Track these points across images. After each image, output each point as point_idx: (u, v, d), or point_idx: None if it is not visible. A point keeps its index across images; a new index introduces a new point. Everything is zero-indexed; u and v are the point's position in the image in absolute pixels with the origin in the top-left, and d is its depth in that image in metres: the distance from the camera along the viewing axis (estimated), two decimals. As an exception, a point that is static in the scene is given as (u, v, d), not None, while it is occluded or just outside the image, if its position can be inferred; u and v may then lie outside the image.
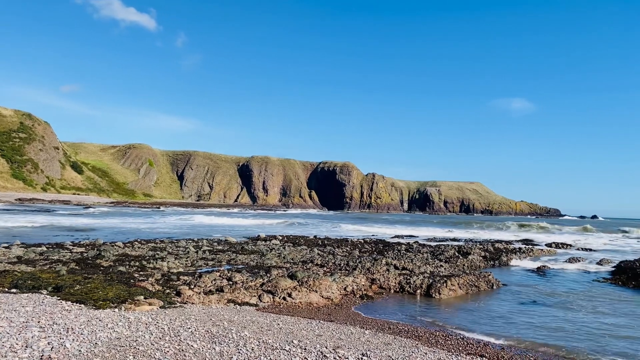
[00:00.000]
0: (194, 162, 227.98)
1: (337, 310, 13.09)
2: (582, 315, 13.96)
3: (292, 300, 13.63)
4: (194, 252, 22.80)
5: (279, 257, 22.15)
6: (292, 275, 15.79)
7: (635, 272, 20.75)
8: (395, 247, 29.72)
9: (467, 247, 29.53)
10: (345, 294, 15.17)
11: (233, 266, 19.18)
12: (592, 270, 23.97)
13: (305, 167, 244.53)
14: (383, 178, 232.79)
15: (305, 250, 25.83)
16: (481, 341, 10.65)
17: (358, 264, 19.94)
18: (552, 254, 31.74)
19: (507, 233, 57.27)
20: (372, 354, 8.34)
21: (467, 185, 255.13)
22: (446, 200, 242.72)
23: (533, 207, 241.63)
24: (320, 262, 20.77)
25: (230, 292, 13.64)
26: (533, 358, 9.56)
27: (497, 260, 26.33)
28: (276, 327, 9.93)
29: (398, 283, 16.65)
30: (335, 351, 8.20)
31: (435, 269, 19.85)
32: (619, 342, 11.10)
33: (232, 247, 26.43)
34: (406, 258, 23.11)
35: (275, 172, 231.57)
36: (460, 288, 16.46)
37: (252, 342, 8.36)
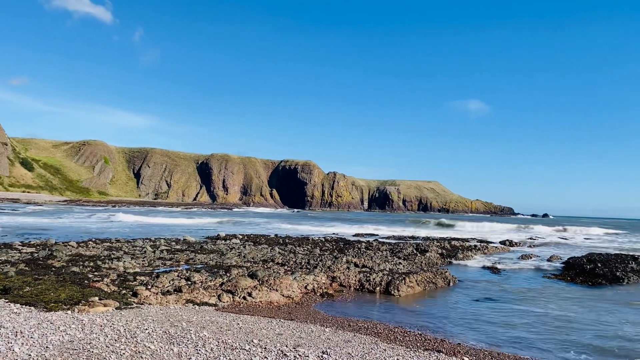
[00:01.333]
0: (151, 159, 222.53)
1: (297, 309, 13.11)
2: (535, 309, 14.53)
3: (253, 299, 13.55)
4: (151, 251, 22.30)
5: (239, 257, 21.95)
6: (253, 275, 15.69)
7: (582, 268, 21.78)
8: (355, 245, 30.01)
9: (425, 245, 30.15)
10: (306, 292, 15.21)
11: (192, 266, 18.87)
12: (543, 266, 24.96)
13: (267, 166, 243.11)
14: (344, 177, 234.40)
15: (266, 249, 25.71)
16: (438, 337, 10.92)
17: (319, 262, 20.02)
18: (505, 251, 32.83)
19: (425, 229, 59.70)
20: (332, 351, 8.40)
21: (425, 185, 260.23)
22: (405, 199, 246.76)
23: (488, 205, 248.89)
24: (281, 260, 20.73)
25: (188, 292, 13.43)
26: (487, 352, 9.87)
27: (453, 257, 27.03)
28: (236, 327, 9.86)
29: (358, 281, 16.83)
30: (296, 350, 8.21)
31: (394, 267, 20.17)
32: (570, 335, 11.62)
33: (190, 246, 26.00)
34: (366, 256, 23.38)
35: (235, 170, 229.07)
36: (418, 285, 16.80)
37: (212, 342, 8.26)
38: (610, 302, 16.13)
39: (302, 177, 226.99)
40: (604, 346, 10.71)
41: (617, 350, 10.40)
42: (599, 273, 20.62)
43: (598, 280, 19.91)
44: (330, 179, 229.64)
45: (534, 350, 10.34)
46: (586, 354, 10.11)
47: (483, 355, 9.55)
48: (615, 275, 19.93)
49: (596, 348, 10.56)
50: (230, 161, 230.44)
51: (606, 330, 12.22)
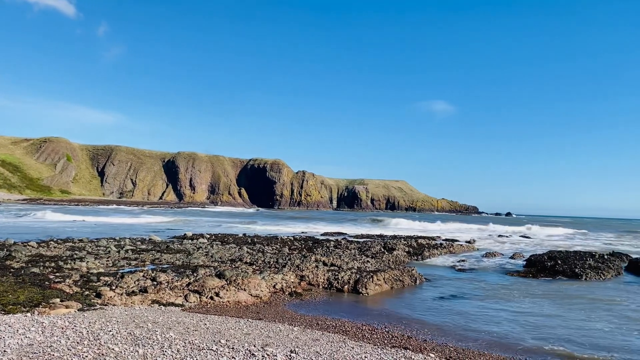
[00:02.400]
0: (116, 157, 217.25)
1: (266, 308, 13.05)
2: (499, 306, 14.91)
3: (220, 299, 13.41)
4: (116, 251, 21.79)
5: (206, 256, 21.70)
6: (220, 274, 15.54)
7: (543, 265, 22.50)
8: (324, 244, 30.09)
9: (392, 243, 30.50)
10: (274, 291, 15.16)
11: (158, 266, 18.53)
12: (506, 264, 25.64)
13: (235, 164, 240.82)
14: (313, 176, 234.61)
15: (234, 248, 25.50)
16: (405, 334, 11.07)
17: (287, 261, 19.99)
18: (470, 249, 33.54)
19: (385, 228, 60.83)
20: (301, 350, 8.40)
21: (392, 184, 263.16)
22: (373, 198, 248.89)
23: (453, 204, 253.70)
24: (249, 260, 20.60)
25: (154, 293, 13.18)
26: (453, 348, 10.07)
27: (420, 255, 27.46)
28: (203, 327, 9.74)
29: (327, 279, 16.88)
30: (264, 349, 8.18)
31: (363, 265, 20.33)
32: (534, 330, 11.98)
33: (156, 246, 25.53)
34: (335, 254, 23.48)
35: (203, 168, 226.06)
36: (385, 283, 16.99)
37: (178, 343, 8.14)
38: (571, 298, 16.70)
39: (271, 176, 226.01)
40: (576, 340, 11.08)
41: (587, 344, 10.78)
42: (559, 270, 21.33)
43: (558, 277, 20.60)
44: (299, 178, 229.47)
45: (500, 346, 10.61)
46: (560, 347, 10.44)
47: (449, 352, 9.74)
48: (574, 272, 20.64)
49: (567, 340, 10.92)
50: (198, 159, 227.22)
51: (570, 324, 12.65)
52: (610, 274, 21.01)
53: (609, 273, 21.03)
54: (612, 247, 40.80)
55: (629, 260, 25.28)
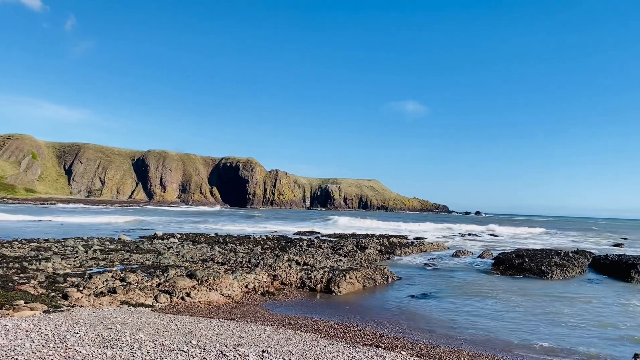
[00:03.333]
0: (84, 155, 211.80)
1: (238, 308, 12.97)
2: (469, 303, 15.19)
3: (191, 299, 13.26)
4: (83, 251, 21.28)
5: (177, 256, 21.41)
6: (191, 274, 15.35)
7: (511, 263, 23.02)
8: (297, 243, 30.06)
9: (364, 242, 30.71)
10: (246, 291, 15.07)
11: (127, 266, 18.19)
12: (475, 262, 26.14)
13: (207, 163, 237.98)
14: (286, 175, 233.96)
15: (206, 248, 25.24)
16: (376, 332, 11.17)
17: (260, 260, 19.90)
18: (441, 247, 34.04)
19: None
20: (273, 349, 8.38)
21: (365, 183, 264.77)
22: (346, 197, 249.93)
23: (424, 203, 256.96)
24: (221, 260, 20.41)
25: (123, 294, 12.93)
26: (424, 345, 10.21)
27: (392, 253, 27.75)
28: (174, 328, 9.61)
29: (299, 278, 16.88)
30: (236, 349, 8.12)
31: (335, 264, 20.41)
32: (503, 326, 12.26)
33: (125, 246, 25.04)
34: (308, 253, 23.48)
35: (173, 167, 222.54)
36: (358, 281, 17.09)
37: (148, 344, 8.01)
38: (538, 295, 17.15)
39: (244, 174, 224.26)
40: (544, 335, 11.38)
41: (553, 339, 11.08)
42: (526, 267, 21.87)
43: (526, 274, 21.12)
44: (272, 177, 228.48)
45: (470, 342, 10.82)
46: (530, 342, 10.70)
47: (420, 349, 9.87)
48: (541, 270, 21.19)
49: (536, 335, 11.20)
50: (168, 158, 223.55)
51: (538, 320, 12.99)
52: (574, 272, 21.65)
53: (573, 270, 21.67)
54: (578, 244, 42.16)
55: (592, 257, 26.11)
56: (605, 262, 23.14)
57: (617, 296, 17.32)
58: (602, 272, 22.62)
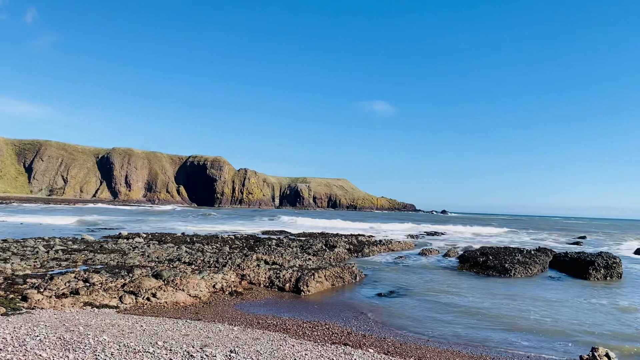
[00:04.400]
0: (45, 152, 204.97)
1: (205, 309, 12.83)
2: (436, 300, 15.46)
3: (157, 300, 13.03)
4: (44, 252, 20.62)
5: (142, 256, 21.00)
6: (157, 275, 15.09)
7: (476, 261, 23.56)
8: (266, 243, 29.93)
9: (333, 240, 30.84)
10: (214, 291, 14.92)
11: (91, 266, 17.72)
12: (442, 260, 26.62)
13: (174, 161, 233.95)
14: (255, 174, 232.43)
15: (172, 248, 24.84)
16: (344, 330, 11.24)
17: (228, 260, 19.73)
18: (408, 246, 34.51)
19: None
20: (241, 349, 8.33)
21: (334, 182, 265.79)
22: (315, 196, 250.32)
23: (392, 202, 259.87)
24: (188, 259, 20.13)
25: (87, 295, 12.60)
26: (391, 342, 10.34)
27: (360, 252, 27.96)
28: (139, 329, 9.43)
29: (268, 278, 16.82)
30: (203, 350, 8.03)
31: (304, 263, 20.42)
32: (468, 323, 12.52)
33: (89, 245, 24.40)
34: (276, 253, 23.42)
35: (139, 165, 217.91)
36: (327, 280, 17.15)
37: (112, 346, 7.83)
38: (500, 292, 17.61)
39: (212, 173, 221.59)
40: (507, 329, 11.68)
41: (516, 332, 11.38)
42: (490, 265, 22.41)
43: (490, 272, 21.64)
44: (241, 175, 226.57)
45: (437, 338, 11.01)
46: (494, 337, 10.96)
47: (387, 346, 9.99)
48: (504, 267, 21.75)
49: (500, 330, 11.49)
50: (134, 156, 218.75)
51: (499, 316, 13.34)
52: (536, 269, 22.31)
53: (535, 268, 22.32)
54: (540, 242, 43.50)
55: (553, 255, 26.95)
56: (565, 260, 23.92)
57: (576, 294, 17.96)
58: (562, 269, 23.37)
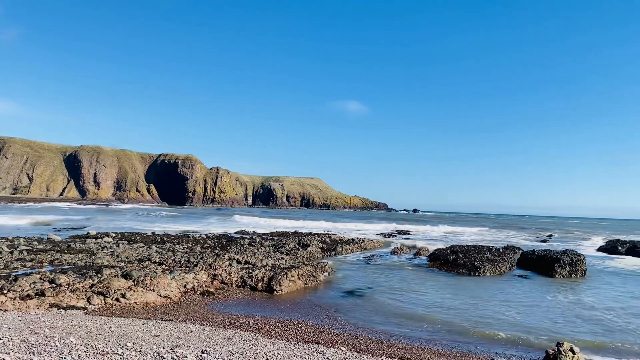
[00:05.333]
0: (9, 150, 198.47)
1: (176, 309, 12.66)
2: (407, 298, 15.63)
3: (127, 301, 12.80)
4: (8, 252, 19.98)
5: (111, 256, 20.57)
6: (127, 275, 14.81)
7: (446, 259, 23.95)
8: (238, 242, 29.72)
9: (307, 239, 30.86)
10: (185, 291, 14.73)
11: (57, 267, 17.26)
12: (413, 258, 26.96)
13: (144, 159, 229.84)
14: (227, 172, 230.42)
15: (142, 247, 24.41)
16: (317, 328, 11.27)
17: (200, 260, 19.51)
18: (380, 244, 34.83)
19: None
20: (212, 350, 8.25)
21: (307, 181, 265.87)
22: (289, 195, 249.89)
23: (365, 201, 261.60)
24: (158, 259, 19.83)
25: (53, 296, 12.28)
26: (363, 340, 10.42)
27: (333, 251, 28.06)
28: (108, 331, 9.24)
29: (240, 277, 16.71)
30: (174, 351, 7.93)
31: (277, 262, 20.36)
32: (439, 320, 12.71)
33: (56, 245, 23.76)
34: (249, 252, 23.29)
35: (108, 163, 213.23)
36: (299, 279, 17.15)
37: (79, 348, 7.65)
38: (470, 289, 17.94)
39: (183, 172, 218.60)
40: (476, 325, 11.90)
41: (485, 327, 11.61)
42: (460, 263, 22.81)
43: (460, 270, 22.02)
44: (213, 174, 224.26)
45: (409, 335, 11.14)
46: (465, 334, 11.15)
47: (359, 344, 10.06)
48: (474, 265, 22.16)
49: (469, 327, 11.70)
50: (103, 154, 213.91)
51: (471, 313, 13.58)
52: (504, 267, 22.80)
53: (503, 265, 22.81)
54: (509, 240, 44.55)
55: (521, 253, 27.61)
56: (533, 257, 24.53)
57: (543, 292, 18.45)
58: (529, 267, 23.94)
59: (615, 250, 36.19)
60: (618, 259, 31.16)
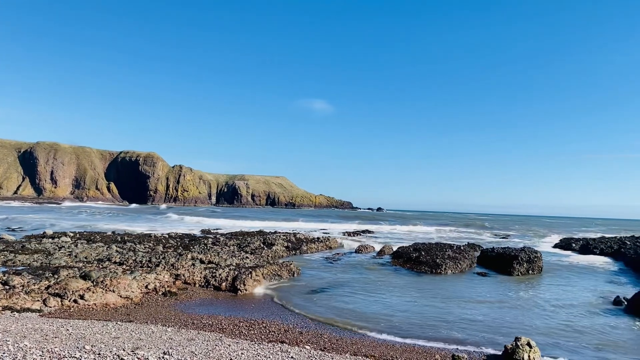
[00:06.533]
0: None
1: (137, 310, 12.40)
2: (371, 296, 15.80)
3: (86, 302, 12.44)
4: (-43, 253, 19.09)
5: (69, 256, 19.95)
6: (86, 275, 14.40)
7: (409, 257, 24.34)
8: (202, 241, 29.31)
9: (271, 238, 30.74)
10: (147, 292, 14.44)
11: (11, 268, 16.61)
12: (377, 256, 27.26)
13: (104, 157, 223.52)
14: (191, 170, 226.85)
15: (102, 247, 23.76)
16: (281, 327, 11.26)
17: (162, 259, 19.16)
18: (346, 243, 35.06)
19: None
20: (175, 351, 8.13)
21: (273, 179, 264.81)
22: (254, 193, 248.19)
23: (330, 200, 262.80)
24: (119, 259, 19.35)
25: (6, 298, 11.81)
26: (327, 339, 10.48)
27: (298, 249, 28.07)
28: (65, 333, 8.96)
29: (204, 277, 16.51)
30: (135, 352, 7.76)
31: (241, 261, 20.21)
32: (402, 317, 12.92)
33: (9, 246, 22.84)
34: (212, 251, 23.01)
35: (66, 161, 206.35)
36: (264, 278, 17.09)
37: (35, 352, 7.39)
38: (430, 286, 18.31)
39: (145, 169, 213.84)
40: (434, 323, 12.14)
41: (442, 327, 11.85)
42: (422, 260, 23.23)
43: (422, 268, 22.40)
44: (176, 172, 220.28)
45: (373, 333, 11.27)
46: (426, 332, 11.35)
47: (324, 342, 10.11)
48: (436, 262, 22.61)
49: (428, 325, 11.93)
50: (61, 151, 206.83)
51: (429, 311, 13.86)
52: (465, 264, 23.35)
53: (464, 263, 23.36)
54: (470, 237, 45.68)
55: (481, 250, 28.34)
56: (492, 255, 25.20)
57: (502, 289, 19.01)
58: (489, 264, 24.58)
59: (569, 247, 37.73)
60: (572, 255, 32.46)
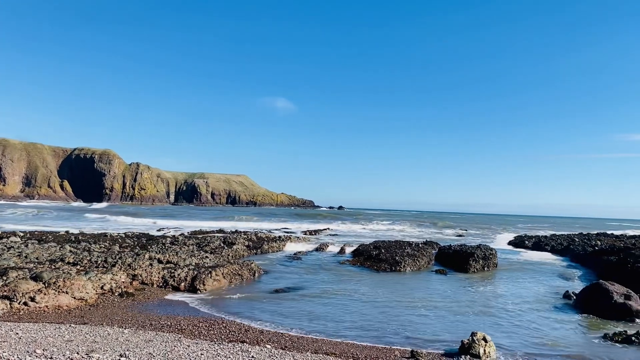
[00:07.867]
0: None
1: (92, 312, 12.04)
2: (332, 294, 15.91)
3: (37, 304, 11.96)
4: None
5: (19, 257, 19.10)
6: (37, 277, 13.84)
7: (370, 254, 24.65)
8: (160, 241, 28.69)
9: (232, 238, 30.45)
10: (102, 293, 14.03)
11: (-46, 270, 15.75)
12: (338, 254, 27.49)
13: (57, 154, 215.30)
14: (148, 168, 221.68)
15: (55, 247, 22.87)
16: (242, 327, 11.18)
17: (118, 259, 18.64)
18: (306, 242, 35.15)
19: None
20: (132, 353, 7.94)
21: (233, 178, 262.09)
22: (214, 192, 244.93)
23: (292, 199, 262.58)
24: (72, 260, 18.69)
25: (-51, 302, 11.21)
26: (288, 338, 10.48)
27: (259, 248, 27.94)
28: (14, 337, 8.59)
29: (162, 277, 16.19)
30: (89, 356, 7.54)
31: (201, 261, 19.93)
32: (361, 316, 13.06)
33: (-47, 247, 21.65)
34: (171, 251, 22.57)
35: (16, 157, 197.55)
36: (224, 278, 16.91)
37: (-19, 358, 7.06)
38: (390, 284, 18.60)
39: (100, 167, 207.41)
40: (400, 321, 12.33)
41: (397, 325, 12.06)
42: (382, 258, 23.56)
43: (382, 265, 22.70)
44: (132, 170, 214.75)
45: (334, 332, 11.35)
46: (388, 331, 11.50)
47: (285, 341, 10.11)
48: (395, 260, 22.98)
49: (393, 323, 12.10)
50: (10, 147, 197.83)
51: (388, 309, 14.08)
52: (424, 261, 23.84)
53: (423, 260, 23.84)
54: (428, 234, 46.68)
55: (439, 248, 29.03)
56: (449, 252, 25.85)
57: (459, 286, 19.52)
58: (446, 261, 25.16)
59: (522, 244, 39.14)
60: (524, 252, 33.67)
